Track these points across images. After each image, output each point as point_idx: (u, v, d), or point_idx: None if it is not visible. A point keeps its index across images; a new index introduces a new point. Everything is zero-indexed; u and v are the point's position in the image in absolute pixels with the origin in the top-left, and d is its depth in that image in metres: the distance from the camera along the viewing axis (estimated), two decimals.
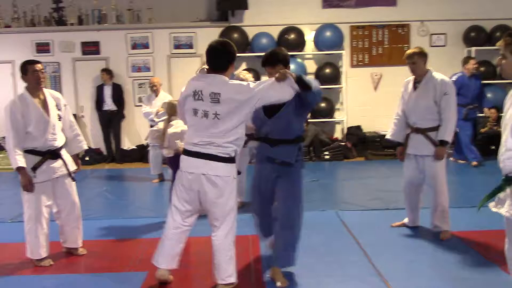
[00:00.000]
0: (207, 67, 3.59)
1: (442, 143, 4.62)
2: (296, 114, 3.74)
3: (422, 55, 4.67)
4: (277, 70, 3.57)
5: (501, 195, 2.81)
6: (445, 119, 4.60)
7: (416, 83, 4.77)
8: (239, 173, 3.74)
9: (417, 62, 4.67)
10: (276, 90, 3.46)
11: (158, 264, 3.76)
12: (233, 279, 3.63)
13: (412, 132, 4.78)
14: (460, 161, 8.58)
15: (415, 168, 4.82)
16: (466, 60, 8.50)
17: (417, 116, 4.73)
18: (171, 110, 5.66)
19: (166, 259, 3.73)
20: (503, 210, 2.76)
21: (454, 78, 7.86)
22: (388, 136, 5.10)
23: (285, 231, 3.79)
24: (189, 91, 3.54)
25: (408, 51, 4.77)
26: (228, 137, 3.47)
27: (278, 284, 3.76)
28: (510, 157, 2.69)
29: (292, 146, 3.78)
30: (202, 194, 3.53)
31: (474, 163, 8.24)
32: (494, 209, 2.86)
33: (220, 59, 3.51)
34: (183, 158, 3.59)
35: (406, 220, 5.08)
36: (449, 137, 4.62)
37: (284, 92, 3.47)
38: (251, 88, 3.45)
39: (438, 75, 4.69)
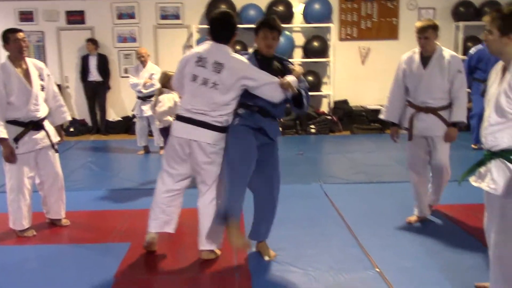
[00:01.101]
0: (209, 38, 3.63)
1: (455, 124, 4.30)
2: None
3: (435, 29, 4.24)
4: (273, 35, 3.59)
5: (482, 169, 2.84)
6: (459, 98, 4.26)
7: (424, 59, 4.36)
8: None
9: (430, 37, 4.23)
10: (272, 89, 3.50)
11: (149, 228, 3.80)
12: (214, 246, 3.67)
13: (421, 111, 4.37)
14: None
15: (420, 149, 4.47)
16: None
17: (428, 95, 4.31)
18: (164, 80, 5.63)
19: (156, 223, 3.76)
20: (484, 185, 2.79)
21: (472, 51, 7.49)
22: (382, 116, 4.69)
23: (269, 205, 3.81)
24: (193, 55, 3.58)
25: (420, 24, 4.27)
26: (220, 111, 3.51)
27: (266, 258, 3.79)
28: (492, 132, 2.72)
29: (276, 123, 3.79)
30: (193, 157, 3.58)
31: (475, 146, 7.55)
32: (474, 183, 2.90)
33: (223, 30, 3.56)
34: (175, 123, 3.63)
35: (416, 212, 4.61)
36: (464, 118, 4.29)
37: (277, 96, 3.52)
38: (254, 68, 3.51)
39: (447, 51, 4.34)
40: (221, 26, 3.56)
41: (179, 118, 3.61)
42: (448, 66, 4.25)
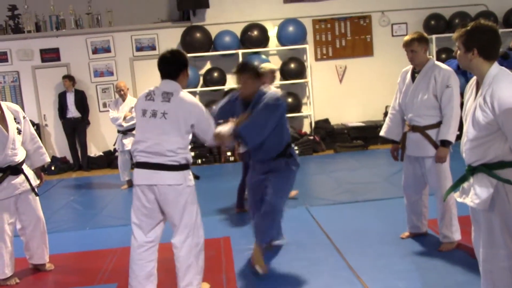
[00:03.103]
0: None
1: (444, 143, 4.04)
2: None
3: (422, 41, 4.07)
4: (244, 78, 3.91)
5: (465, 185, 2.84)
6: (446, 115, 4.01)
7: (415, 73, 4.20)
8: (197, 177, 3.67)
9: (416, 50, 4.06)
10: (206, 135, 3.60)
11: None
12: (196, 285, 3.57)
13: (409, 130, 4.22)
14: None
15: (415, 170, 4.30)
16: None
17: (414, 111, 4.14)
18: None
19: (139, 282, 3.54)
20: (468, 200, 2.79)
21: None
22: (381, 134, 4.53)
23: (264, 211, 3.98)
24: (143, 93, 3.60)
25: (406, 38, 4.13)
26: (173, 143, 3.41)
27: (257, 267, 3.89)
28: (472, 147, 2.73)
29: (281, 159, 4.05)
30: (159, 201, 3.47)
31: None
32: (459, 199, 2.91)
33: (170, 66, 3.55)
34: (135, 171, 3.54)
35: (408, 228, 4.55)
36: (451, 137, 4.02)
37: (208, 141, 3.65)
38: (204, 110, 3.58)
39: (440, 65, 4.13)
40: (167, 63, 3.55)
41: (137, 164, 3.51)
42: (435, 80, 4.06)
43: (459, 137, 3.14)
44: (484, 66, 2.69)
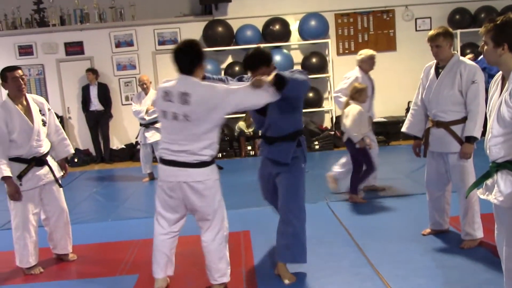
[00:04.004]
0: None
1: (469, 139, 4.00)
2: (281, 111, 3.66)
3: (447, 36, 4.02)
4: (260, 72, 3.50)
5: (489, 181, 2.81)
6: (472, 111, 3.97)
7: (438, 68, 4.15)
8: (221, 168, 3.67)
9: (441, 45, 4.02)
10: (250, 96, 3.39)
11: (155, 274, 3.68)
12: (225, 279, 3.63)
13: (433, 126, 4.20)
14: None
15: (438, 166, 4.27)
16: None
17: (438, 107, 4.11)
18: (352, 92, 5.80)
19: (161, 268, 3.65)
20: (491, 197, 2.76)
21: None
22: (403, 129, 4.51)
23: (285, 227, 3.78)
24: (160, 90, 3.48)
25: (431, 32, 4.07)
26: (200, 142, 3.37)
27: (286, 281, 3.75)
28: (497, 143, 2.69)
29: (288, 144, 3.74)
30: (186, 199, 3.48)
31: None
32: (482, 196, 2.87)
33: (186, 60, 3.38)
34: (160, 168, 3.53)
35: (430, 225, 4.53)
36: (477, 133, 3.98)
37: (259, 97, 3.41)
38: (224, 92, 3.36)
39: (465, 60, 4.08)
40: (183, 56, 3.38)
41: (163, 161, 3.48)
42: (461, 75, 4.01)
43: (482, 134, 3.11)
44: None
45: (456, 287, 3.50)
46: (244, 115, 9.49)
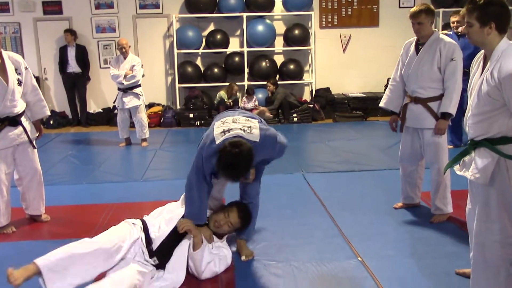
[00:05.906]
0: None
1: (444, 115, 4.09)
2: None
3: (429, 13, 4.04)
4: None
5: (466, 158, 2.85)
6: (449, 88, 4.04)
7: (419, 45, 4.19)
8: None
9: (423, 22, 4.03)
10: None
11: None
12: None
13: (411, 102, 4.24)
14: None
15: (413, 141, 4.33)
16: None
17: (417, 83, 4.15)
18: None
19: None
20: (468, 174, 2.80)
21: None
22: (381, 104, 4.55)
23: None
24: None
25: (414, 9, 4.07)
26: None
27: (243, 258, 3.70)
28: (476, 121, 2.72)
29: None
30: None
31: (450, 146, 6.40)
32: (459, 172, 2.91)
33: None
34: None
35: (401, 199, 4.62)
36: (453, 110, 4.05)
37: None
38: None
39: (444, 38, 4.11)
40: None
41: None
42: (440, 53, 4.05)
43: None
44: (497, 40, 2.66)
45: (424, 258, 3.58)
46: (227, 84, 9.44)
